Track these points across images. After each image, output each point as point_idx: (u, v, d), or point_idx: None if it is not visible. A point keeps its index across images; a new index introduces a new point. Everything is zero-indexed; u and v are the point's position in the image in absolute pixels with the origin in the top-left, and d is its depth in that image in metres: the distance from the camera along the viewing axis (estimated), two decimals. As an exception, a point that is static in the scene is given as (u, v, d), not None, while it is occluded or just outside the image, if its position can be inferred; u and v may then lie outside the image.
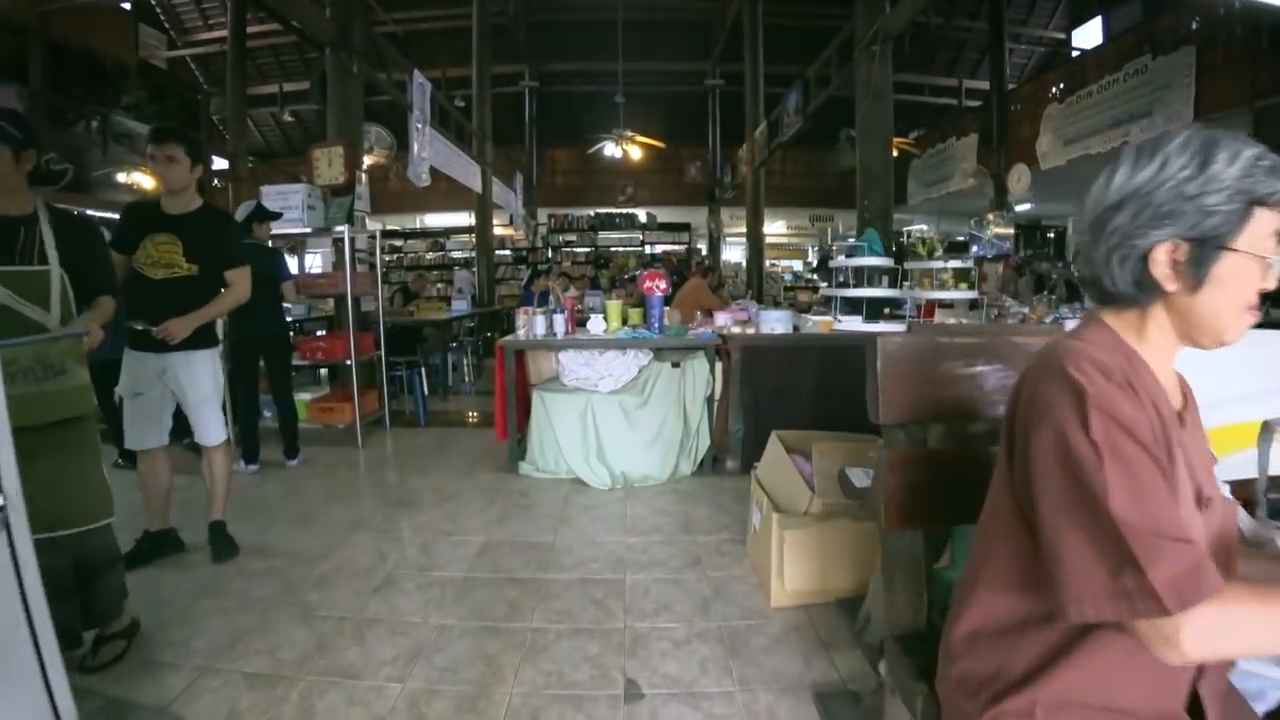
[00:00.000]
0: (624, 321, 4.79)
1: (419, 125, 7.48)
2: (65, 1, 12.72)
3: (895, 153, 11.41)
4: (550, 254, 14.32)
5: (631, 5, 12.40)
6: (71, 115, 12.34)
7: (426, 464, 4.72)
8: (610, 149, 11.13)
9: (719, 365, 4.32)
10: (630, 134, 10.89)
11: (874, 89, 6.03)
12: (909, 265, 5.10)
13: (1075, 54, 12.56)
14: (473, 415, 6.22)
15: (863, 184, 6.15)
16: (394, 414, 5.94)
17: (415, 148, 7.36)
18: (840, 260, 5.01)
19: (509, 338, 4.38)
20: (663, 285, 4.52)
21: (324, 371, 5.80)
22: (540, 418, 4.28)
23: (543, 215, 14.84)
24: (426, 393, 6.03)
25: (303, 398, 5.30)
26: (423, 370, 5.93)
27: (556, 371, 4.43)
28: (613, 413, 4.20)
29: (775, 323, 4.34)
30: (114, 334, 2.37)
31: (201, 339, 2.89)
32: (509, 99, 14.83)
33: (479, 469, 4.54)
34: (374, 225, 15.07)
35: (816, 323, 4.53)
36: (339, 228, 4.98)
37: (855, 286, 4.94)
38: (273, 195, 5.10)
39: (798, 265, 17.86)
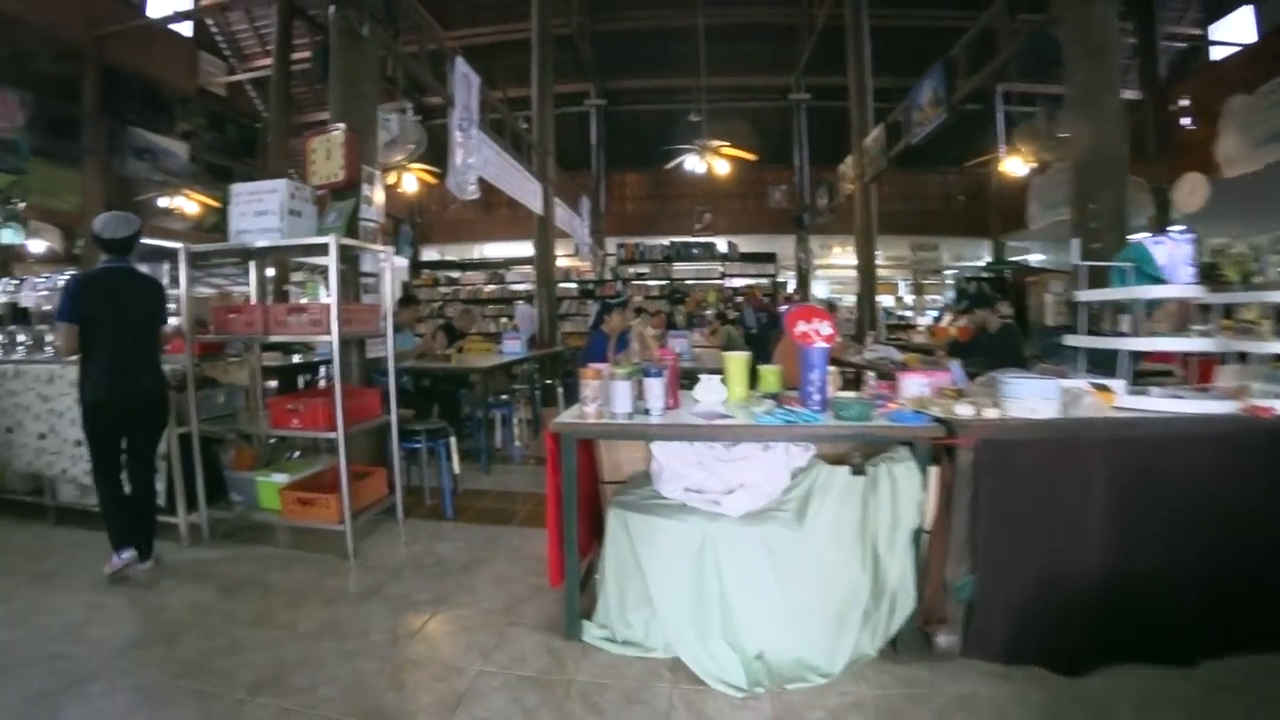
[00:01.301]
0: (751, 387, 3.02)
1: (463, 125, 6.01)
2: (122, 25, 12.33)
3: (1034, 164, 9.54)
4: (620, 287, 12.73)
5: (707, 10, 10.89)
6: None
7: (439, 598, 3.03)
8: (692, 163, 9.48)
9: (932, 472, 2.47)
10: (716, 144, 9.22)
11: (1095, 42, 4.15)
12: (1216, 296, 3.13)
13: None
14: (522, 505, 4.49)
15: (1082, 178, 4.23)
16: (413, 495, 4.30)
17: (459, 154, 5.87)
18: (1099, 294, 3.11)
19: (570, 417, 2.62)
20: (826, 330, 2.72)
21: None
22: (621, 551, 2.51)
23: (611, 245, 13.32)
24: (457, 470, 4.35)
25: (275, 480, 3.71)
26: (451, 441, 4.25)
27: (650, 470, 2.67)
28: (749, 552, 2.40)
29: (1036, 398, 2.47)
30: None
31: None
32: (573, 120, 13.52)
33: (519, 622, 2.81)
34: (431, 255, 14.03)
35: (1087, 395, 2.62)
36: (321, 240, 3.40)
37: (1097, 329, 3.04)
38: (242, 199, 3.60)
39: (887, 300, 15.70)
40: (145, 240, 3.37)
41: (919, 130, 7.43)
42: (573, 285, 13.02)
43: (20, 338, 4.48)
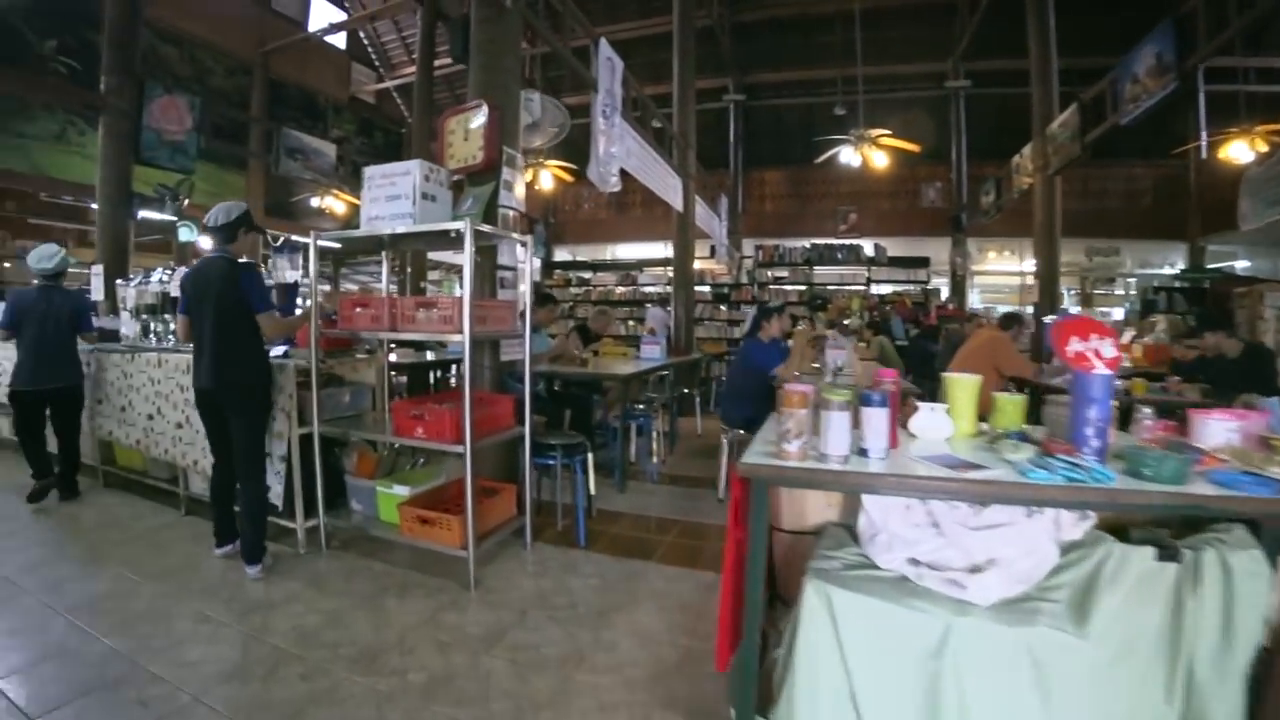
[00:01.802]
0: (981, 417, 2.28)
1: (606, 112, 5.57)
2: (285, 40, 13.19)
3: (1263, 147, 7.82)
4: (756, 291, 11.99)
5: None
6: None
7: (572, 654, 2.52)
8: (847, 155, 8.59)
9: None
10: (876, 133, 8.29)
11: None
12: None
13: None
14: (662, 536, 3.93)
15: None
16: (541, 512, 3.86)
17: (601, 142, 5.43)
18: None
19: (762, 455, 1.93)
20: (1110, 352, 1.93)
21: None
22: (819, 636, 1.84)
23: (748, 246, 12.60)
24: (593, 491, 3.86)
25: (396, 492, 3.36)
26: (588, 459, 3.76)
27: (858, 526, 2.00)
28: (1006, 660, 1.66)
29: None
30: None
31: None
32: (710, 117, 12.93)
33: (671, 704, 2.23)
34: (563, 255, 13.94)
35: None
36: (454, 225, 2.99)
37: None
38: (375, 182, 3.28)
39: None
40: (292, 236, 3.29)
41: (1133, 108, 6.19)
42: (706, 288, 12.43)
43: (162, 326, 4.49)
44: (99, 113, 6.24)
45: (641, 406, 5.44)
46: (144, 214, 7.07)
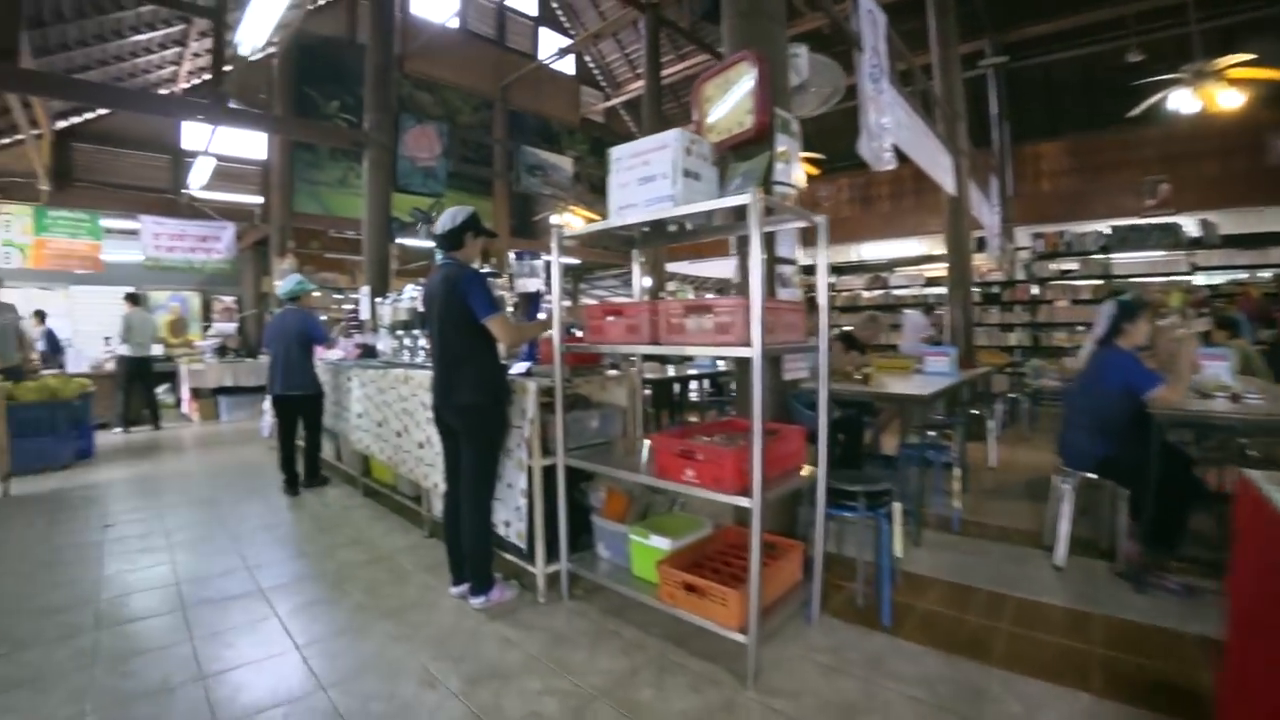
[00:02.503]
0: None
1: (874, 75, 4.59)
2: (520, 72, 13.95)
3: None
4: (1035, 289, 9.96)
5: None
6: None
7: None
8: (1179, 101, 6.58)
9: None
10: (1224, 62, 6.20)
11: None
12: None
13: None
14: (994, 619, 2.87)
15: None
16: (829, 570, 3.00)
17: (871, 111, 4.46)
18: None
19: None
20: None
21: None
22: None
23: (1022, 236, 10.57)
24: (900, 552, 2.91)
25: (654, 544, 2.72)
26: (895, 510, 2.81)
27: None
28: None
29: None
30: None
31: None
32: (966, 88, 11.10)
33: None
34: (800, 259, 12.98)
35: None
36: (737, 201, 2.25)
37: None
38: (623, 164, 2.70)
39: None
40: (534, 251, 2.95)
41: None
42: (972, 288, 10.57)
43: (411, 341, 4.40)
44: (364, 148, 6.68)
45: (932, 433, 4.34)
46: (401, 240, 7.53)
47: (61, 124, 9.06)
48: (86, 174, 9.33)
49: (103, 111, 9.39)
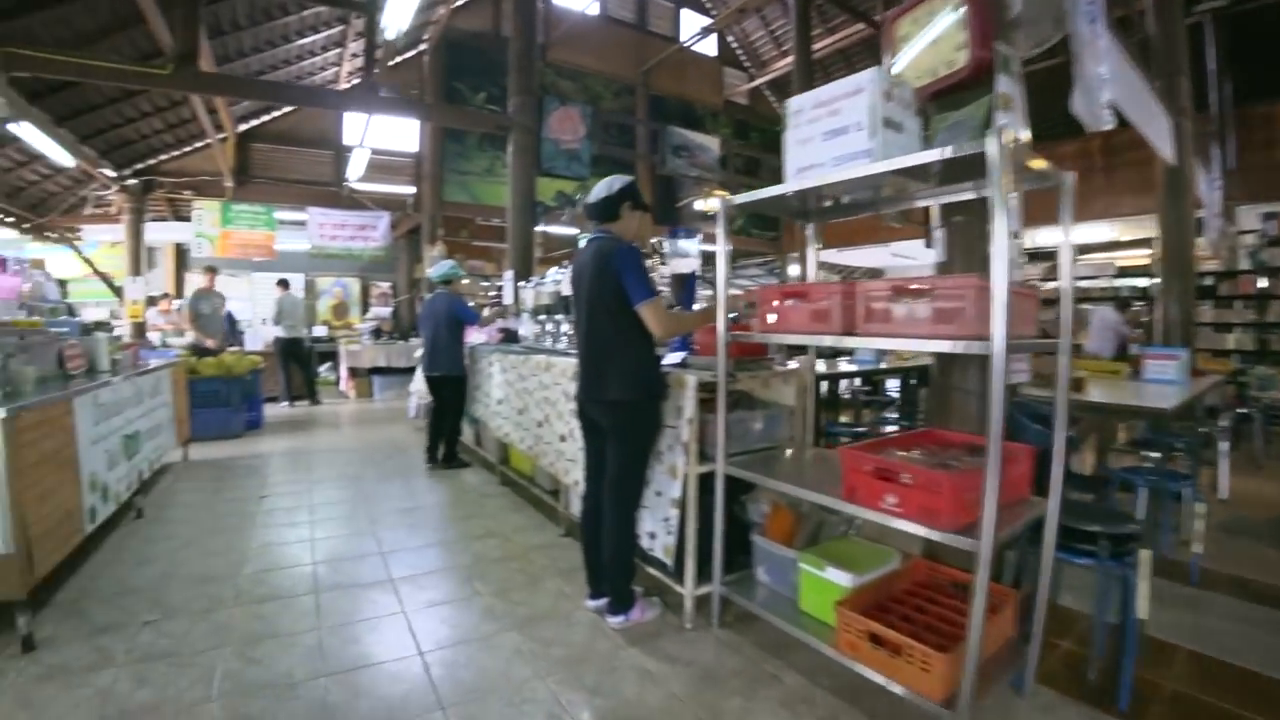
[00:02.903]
0: None
1: (1091, 16, 3.78)
2: (661, 55, 13.66)
3: None
4: (1263, 281, 8.30)
5: None
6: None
7: None
8: None
9: None
10: None
11: None
12: None
13: None
14: (1266, 706, 2.16)
15: None
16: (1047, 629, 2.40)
17: (1087, 60, 3.68)
18: None
19: None
20: None
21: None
22: None
23: (1247, 218, 8.85)
24: (1144, 613, 2.24)
25: (830, 579, 2.26)
26: (1142, 558, 2.15)
27: None
28: None
29: None
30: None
31: None
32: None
33: None
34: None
35: None
36: (977, 149, 1.71)
37: None
38: (803, 117, 2.25)
39: None
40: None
41: None
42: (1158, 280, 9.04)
43: (554, 326, 4.18)
44: (508, 132, 6.63)
45: (1156, 455, 3.52)
46: (543, 228, 7.49)
47: (243, 126, 9.89)
48: (263, 171, 10.14)
49: (277, 113, 10.16)
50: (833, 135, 2.18)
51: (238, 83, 6.91)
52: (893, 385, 6.71)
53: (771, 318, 2.26)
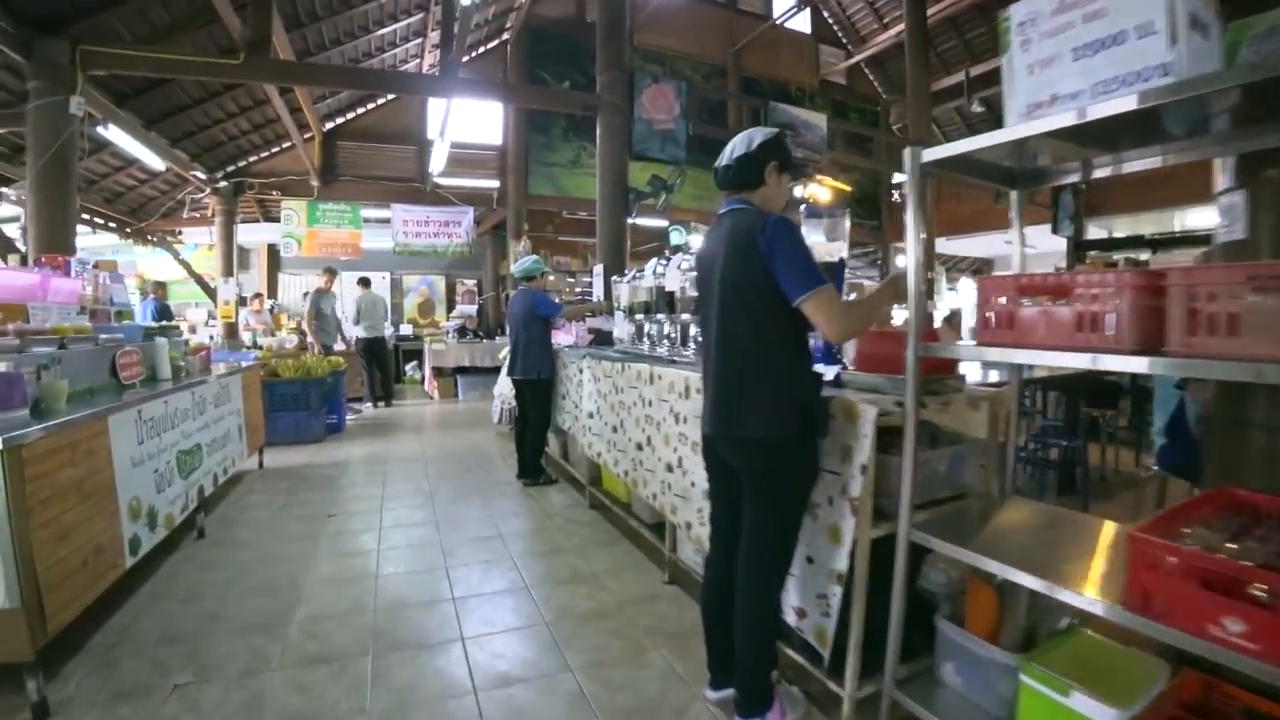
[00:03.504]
0: None
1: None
2: (751, 35, 12.81)
3: None
4: None
5: None
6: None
7: None
8: None
9: None
10: None
11: None
12: None
13: None
14: None
15: None
16: None
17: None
18: None
19: None
20: None
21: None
22: None
23: None
24: None
25: (1079, 709, 1.51)
26: None
27: None
28: None
29: None
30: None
31: None
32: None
33: None
34: (1098, 232, 10.38)
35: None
36: None
37: None
38: (1040, 23, 1.51)
39: None
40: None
41: None
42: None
43: (655, 328, 3.56)
44: (596, 111, 6.07)
45: None
46: (633, 220, 6.91)
47: (328, 125, 9.81)
48: (348, 169, 10.03)
49: (360, 110, 10.03)
50: (1096, 49, 1.45)
51: (309, 69, 6.66)
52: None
53: (993, 321, 1.53)
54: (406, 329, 11.80)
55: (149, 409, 2.95)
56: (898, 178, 14.91)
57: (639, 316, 3.89)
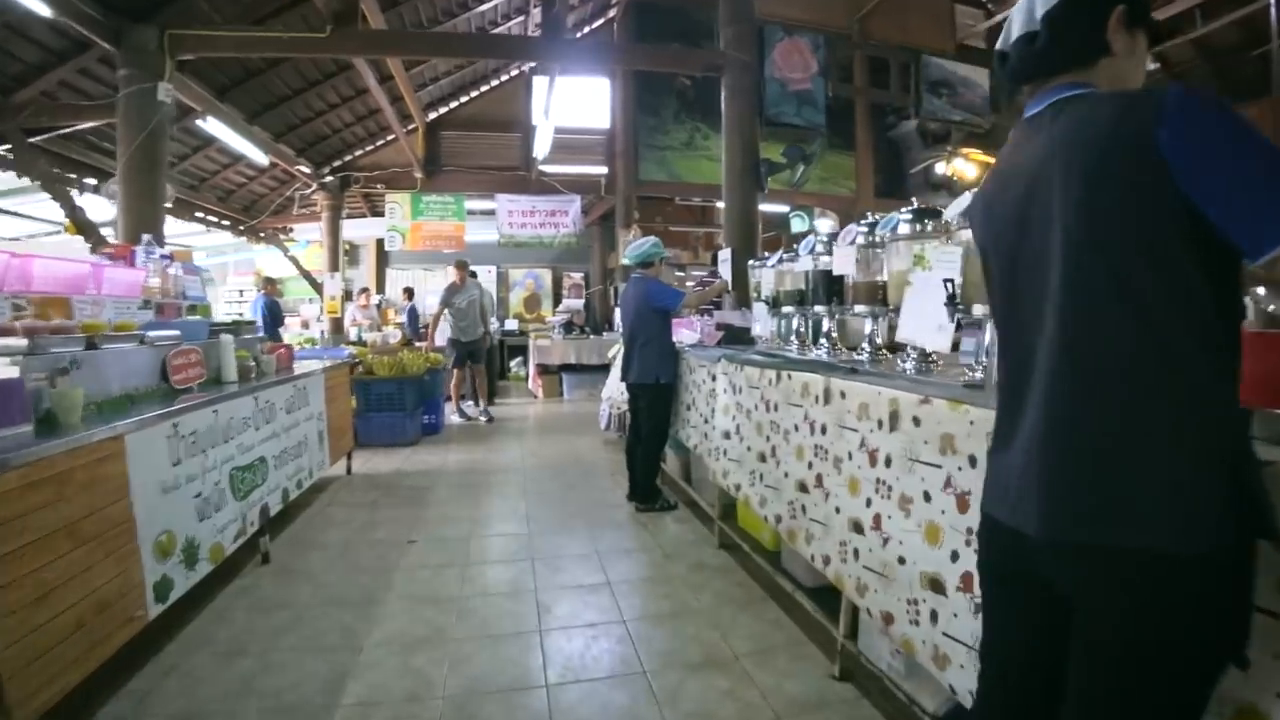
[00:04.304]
0: None
1: None
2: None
3: None
4: None
5: None
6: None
7: None
8: None
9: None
10: None
11: None
12: None
13: None
14: None
15: None
16: None
17: None
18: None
19: None
20: None
21: None
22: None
23: None
24: None
25: None
26: None
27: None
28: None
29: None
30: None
31: None
32: None
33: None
34: None
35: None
36: None
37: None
38: None
39: None
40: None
41: None
42: None
43: (805, 324, 2.69)
44: (720, 72, 5.22)
45: None
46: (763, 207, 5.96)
47: (431, 115, 9.48)
48: (451, 159, 9.67)
49: (464, 99, 9.66)
50: None
51: (400, 36, 6.14)
52: None
53: None
54: (512, 324, 11.43)
55: (191, 421, 2.41)
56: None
57: (788, 309, 3.04)
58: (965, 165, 8.56)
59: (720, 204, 11.13)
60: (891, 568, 1.74)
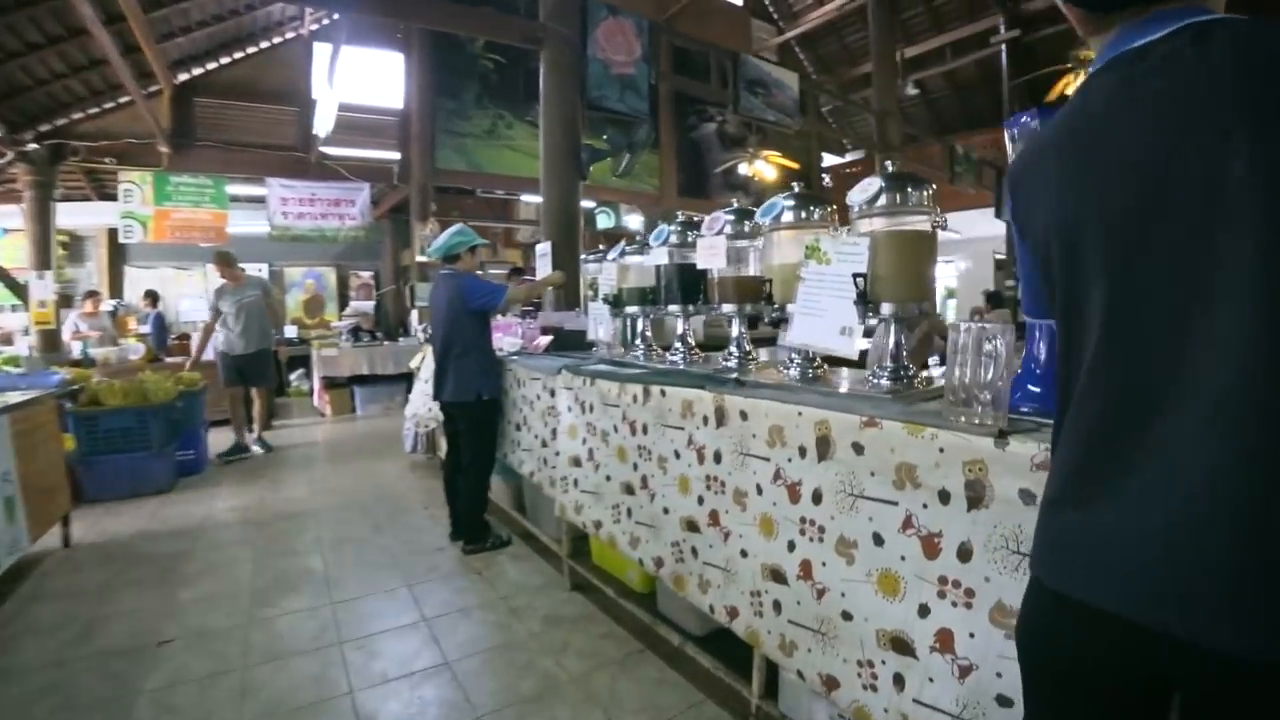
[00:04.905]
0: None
1: None
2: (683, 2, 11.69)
3: None
4: None
5: None
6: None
7: None
8: None
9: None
10: None
11: None
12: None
13: None
14: None
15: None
16: None
17: None
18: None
19: None
20: None
21: None
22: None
23: None
24: None
25: None
26: None
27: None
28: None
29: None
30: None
31: None
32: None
33: None
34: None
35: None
36: None
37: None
38: None
39: None
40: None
41: None
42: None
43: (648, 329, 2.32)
44: (540, 44, 4.72)
45: None
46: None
47: (183, 76, 7.82)
48: (209, 133, 8.02)
49: (226, 59, 8.12)
50: None
51: None
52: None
53: None
54: (291, 331, 9.90)
55: None
56: (828, 160, 14.46)
57: (632, 309, 2.66)
58: (765, 166, 8.93)
59: (524, 198, 10.67)
60: (832, 623, 1.40)
